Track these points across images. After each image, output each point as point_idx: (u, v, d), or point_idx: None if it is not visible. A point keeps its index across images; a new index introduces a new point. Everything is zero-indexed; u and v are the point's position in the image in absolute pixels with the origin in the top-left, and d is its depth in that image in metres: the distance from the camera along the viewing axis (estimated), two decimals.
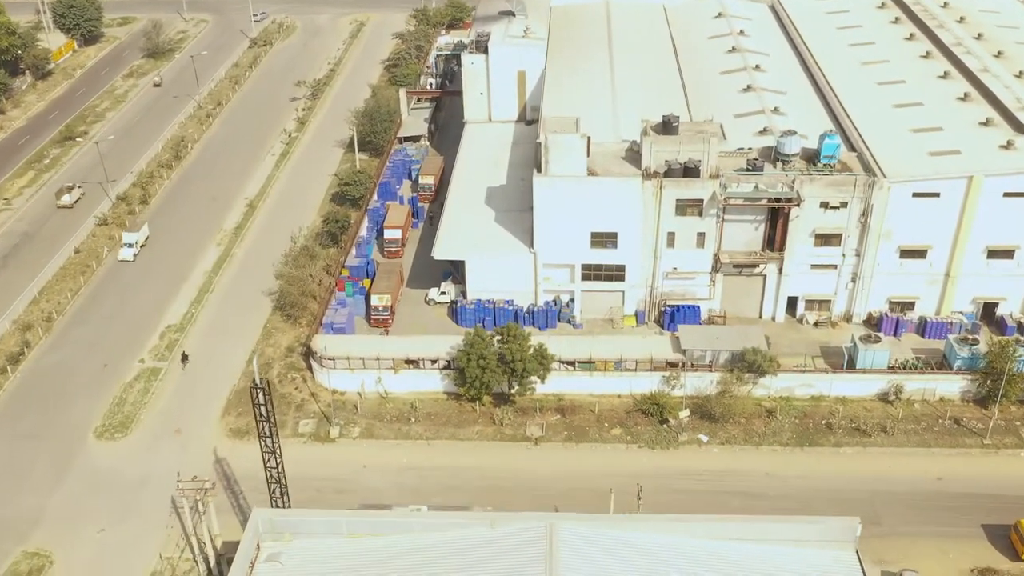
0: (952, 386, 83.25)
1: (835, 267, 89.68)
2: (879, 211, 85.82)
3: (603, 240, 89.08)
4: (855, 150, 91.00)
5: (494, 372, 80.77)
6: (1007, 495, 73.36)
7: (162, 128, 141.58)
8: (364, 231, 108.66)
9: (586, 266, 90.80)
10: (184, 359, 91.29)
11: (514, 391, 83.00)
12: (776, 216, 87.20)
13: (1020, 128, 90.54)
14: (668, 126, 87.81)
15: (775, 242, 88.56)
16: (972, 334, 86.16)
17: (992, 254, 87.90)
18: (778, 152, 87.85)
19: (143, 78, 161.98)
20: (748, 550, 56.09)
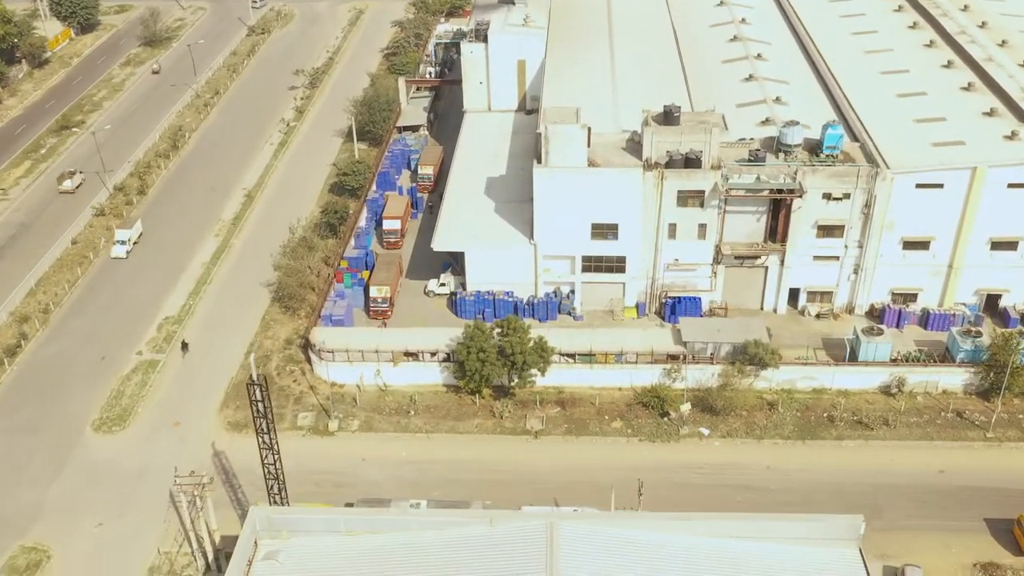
0: (955, 379, 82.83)
1: (837, 258, 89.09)
2: (882, 202, 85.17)
3: (604, 231, 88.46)
4: (858, 140, 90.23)
5: (494, 365, 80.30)
6: (1010, 489, 73.02)
7: (159, 117, 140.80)
8: (363, 222, 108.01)
9: (586, 258, 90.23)
10: (184, 347, 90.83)
11: (514, 384, 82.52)
12: (778, 207, 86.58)
13: None
14: (669, 116, 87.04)
15: (777, 233, 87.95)
16: (975, 326, 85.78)
17: (996, 245, 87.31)
18: (780, 142, 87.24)
19: (140, 67, 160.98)
20: (750, 548, 55.58)
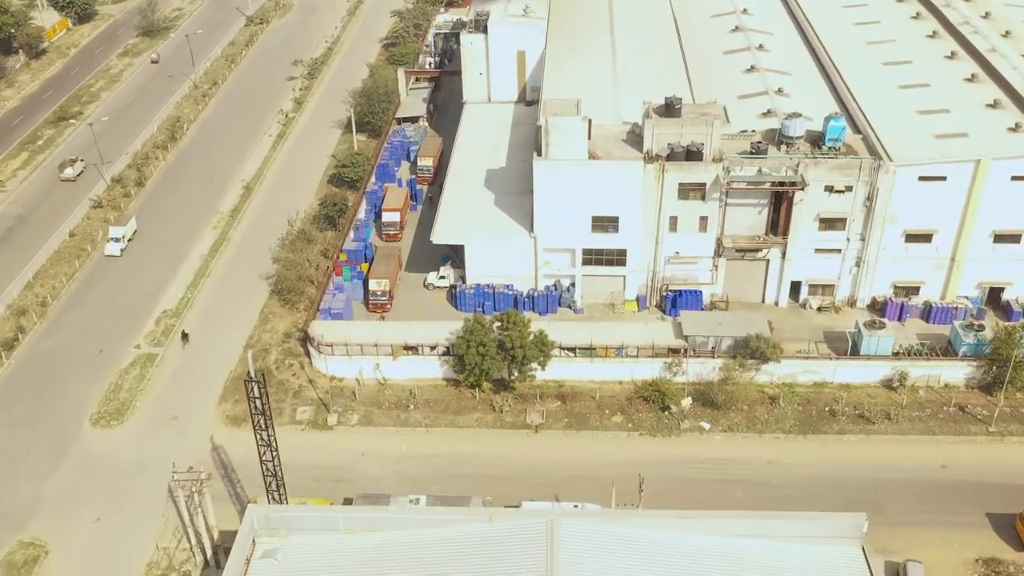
0: (957, 372, 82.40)
1: (839, 251, 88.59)
2: (884, 195, 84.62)
3: (604, 224, 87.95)
4: (860, 132, 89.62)
5: (494, 359, 79.87)
6: (1012, 483, 72.60)
7: (157, 108, 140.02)
8: (362, 214, 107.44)
9: (587, 250, 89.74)
10: (184, 338, 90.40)
11: (514, 378, 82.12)
12: (780, 200, 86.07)
13: None
14: (670, 108, 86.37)
15: (779, 226, 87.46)
16: (978, 319, 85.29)
17: (999, 238, 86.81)
18: (782, 135, 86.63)
19: (138, 57, 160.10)
20: (752, 546, 55.26)
